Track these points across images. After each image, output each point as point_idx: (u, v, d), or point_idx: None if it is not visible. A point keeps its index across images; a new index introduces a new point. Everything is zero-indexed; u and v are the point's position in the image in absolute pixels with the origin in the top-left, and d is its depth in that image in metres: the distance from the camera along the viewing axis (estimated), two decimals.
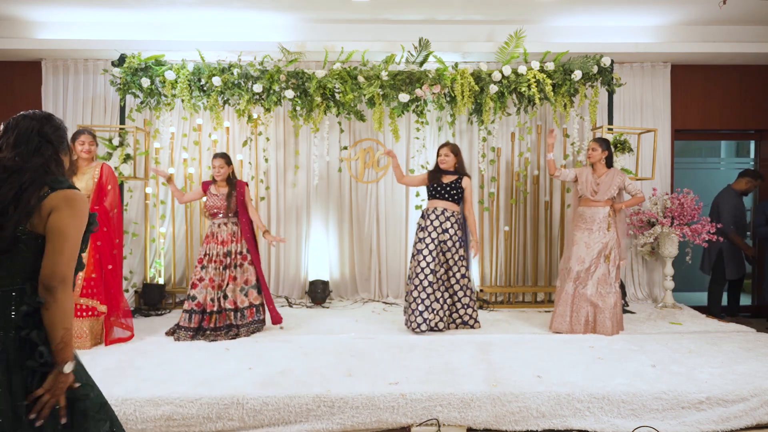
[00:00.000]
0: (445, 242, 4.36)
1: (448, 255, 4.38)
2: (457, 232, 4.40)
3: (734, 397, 3.07)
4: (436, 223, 4.37)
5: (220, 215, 4.30)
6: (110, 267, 3.95)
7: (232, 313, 4.21)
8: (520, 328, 4.53)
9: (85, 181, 3.98)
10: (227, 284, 4.23)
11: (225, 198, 4.28)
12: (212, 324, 4.16)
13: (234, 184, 4.34)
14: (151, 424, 2.91)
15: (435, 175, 4.47)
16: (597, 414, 3.02)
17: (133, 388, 3.07)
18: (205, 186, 4.40)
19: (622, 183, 4.46)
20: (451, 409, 3.00)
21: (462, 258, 4.41)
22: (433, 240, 4.34)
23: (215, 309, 4.19)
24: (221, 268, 4.24)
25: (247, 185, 4.45)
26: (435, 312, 4.33)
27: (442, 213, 4.38)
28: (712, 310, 5.44)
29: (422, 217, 4.48)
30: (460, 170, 4.46)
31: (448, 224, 4.37)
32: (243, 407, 2.94)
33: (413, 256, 4.44)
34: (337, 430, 2.96)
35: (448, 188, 4.40)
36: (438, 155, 4.48)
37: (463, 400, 3.01)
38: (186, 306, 4.21)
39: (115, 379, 3.22)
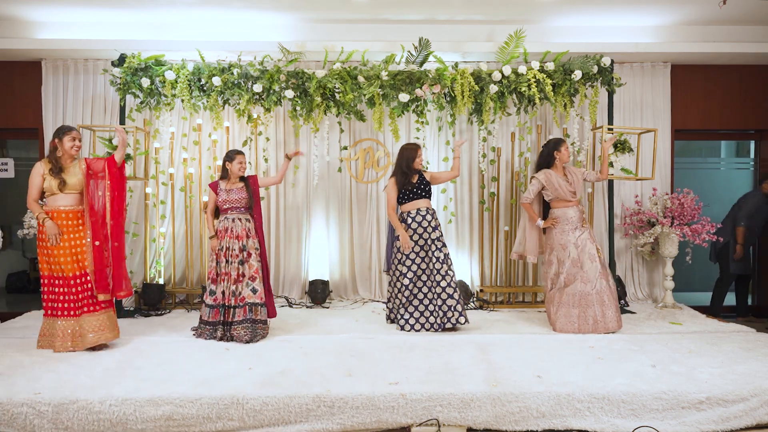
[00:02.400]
0: (434, 241, 4.41)
1: (438, 253, 4.39)
2: (438, 226, 4.49)
3: (734, 397, 3.07)
4: (425, 223, 4.43)
5: (236, 210, 4.31)
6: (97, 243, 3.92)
7: (247, 308, 4.23)
8: (520, 328, 4.53)
9: (76, 176, 3.93)
10: (246, 280, 4.24)
11: (245, 192, 4.32)
12: (235, 318, 4.19)
13: (247, 179, 4.39)
14: (151, 424, 2.91)
15: (405, 179, 4.47)
16: (597, 414, 3.02)
17: (133, 388, 3.07)
18: (214, 186, 4.40)
19: (582, 172, 4.63)
20: (451, 409, 3.00)
21: (445, 253, 4.43)
22: (425, 242, 4.41)
23: (233, 304, 4.21)
24: (236, 263, 4.25)
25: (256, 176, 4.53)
26: (431, 313, 4.37)
27: (427, 212, 4.46)
28: (713, 309, 5.42)
29: (403, 221, 4.49)
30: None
31: (435, 222, 4.47)
32: (243, 407, 2.94)
33: (399, 261, 4.47)
34: (337, 430, 2.97)
35: (419, 185, 4.47)
36: (416, 156, 4.46)
37: (463, 400, 3.01)
38: (208, 300, 4.24)
39: (115, 379, 3.23)
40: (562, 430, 3.02)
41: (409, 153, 4.47)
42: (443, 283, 4.34)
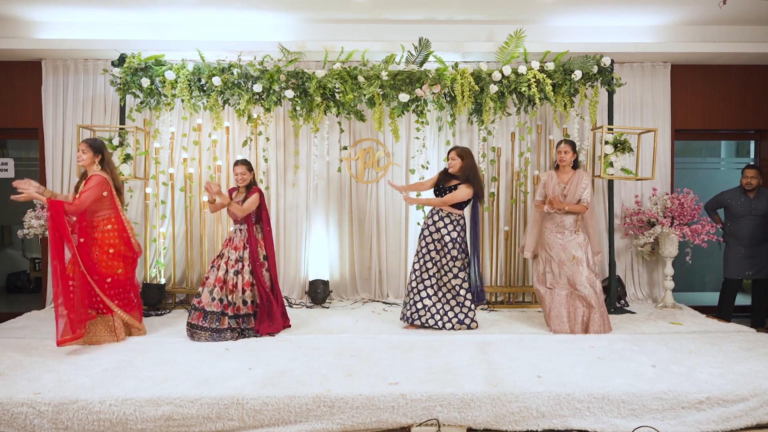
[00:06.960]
0: (440, 240, 4.41)
1: (442, 254, 4.41)
2: (451, 232, 4.41)
3: (734, 397, 3.07)
4: (436, 220, 4.46)
5: (237, 221, 4.37)
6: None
7: (244, 317, 4.25)
8: (520, 328, 4.54)
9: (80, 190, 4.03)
10: (243, 290, 4.25)
11: (240, 204, 4.32)
12: (223, 325, 4.17)
13: (249, 191, 4.38)
14: (151, 424, 2.91)
15: (442, 177, 4.54)
16: (597, 414, 3.02)
17: (133, 388, 3.07)
18: (230, 192, 4.47)
19: (584, 189, 4.41)
20: (451, 409, 3.00)
21: (454, 258, 4.41)
22: (433, 239, 4.43)
23: (231, 314, 4.20)
24: (232, 272, 4.26)
25: (262, 193, 4.40)
26: (427, 309, 4.39)
27: (438, 212, 4.46)
28: (719, 313, 5.32)
29: (425, 216, 4.56)
30: (463, 175, 4.40)
31: (442, 224, 4.43)
32: (243, 407, 2.94)
33: (415, 254, 4.56)
34: (337, 430, 2.97)
35: (446, 191, 4.47)
36: (447, 159, 4.51)
37: (463, 400, 3.01)
38: (194, 303, 4.25)
39: (115, 379, 3.23)
40: (562, 430, 3.02)
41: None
42: (412, 277, 4.43)
